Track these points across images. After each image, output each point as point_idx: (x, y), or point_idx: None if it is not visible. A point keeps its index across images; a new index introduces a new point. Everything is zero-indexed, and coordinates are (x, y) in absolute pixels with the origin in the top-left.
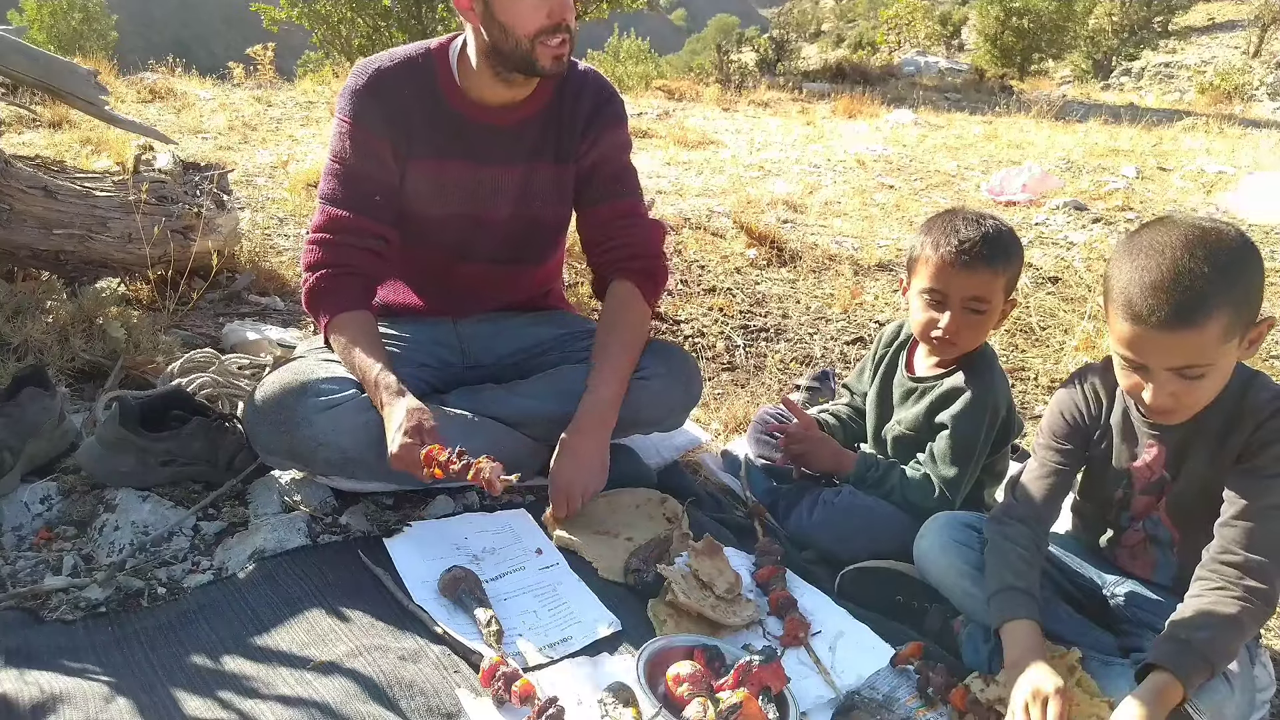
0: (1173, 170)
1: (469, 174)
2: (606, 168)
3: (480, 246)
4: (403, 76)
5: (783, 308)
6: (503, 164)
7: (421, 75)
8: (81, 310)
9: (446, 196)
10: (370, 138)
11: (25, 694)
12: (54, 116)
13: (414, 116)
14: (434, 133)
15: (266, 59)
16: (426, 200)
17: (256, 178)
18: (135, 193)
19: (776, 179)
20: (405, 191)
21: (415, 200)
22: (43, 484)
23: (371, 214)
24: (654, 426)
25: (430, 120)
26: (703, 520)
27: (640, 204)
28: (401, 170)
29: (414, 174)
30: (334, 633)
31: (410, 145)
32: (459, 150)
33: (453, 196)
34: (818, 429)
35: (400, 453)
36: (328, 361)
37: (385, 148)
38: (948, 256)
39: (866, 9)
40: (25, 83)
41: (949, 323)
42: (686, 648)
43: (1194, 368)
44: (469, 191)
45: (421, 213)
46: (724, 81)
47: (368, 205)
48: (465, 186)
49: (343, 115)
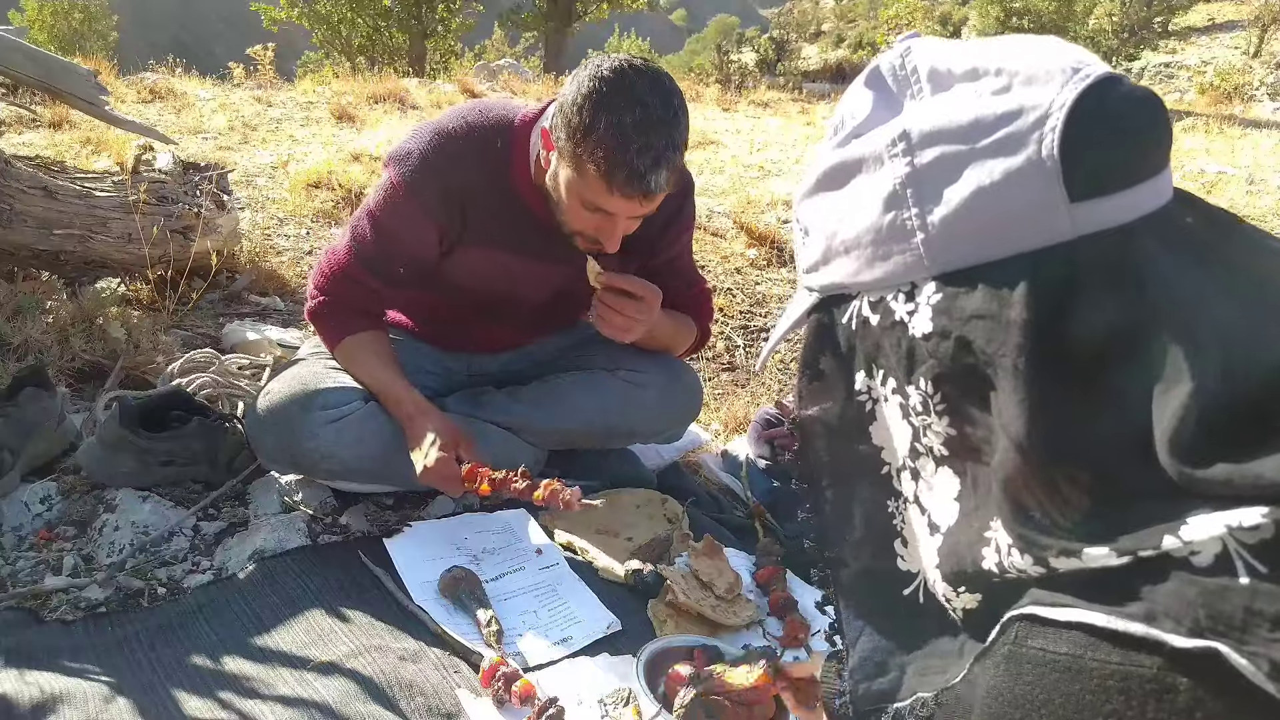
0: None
1: (520, 265)
2: (679, 262)
3: (512, 316)
4: (474, 154)
5: (783, 308)
6: (560, 260)
7: (495, 155)
8: (81, 310)
9: (490, 278)
10: (418, 213)
11: (25, 694)
12: (54, 116)
13: (475, 201)
14: (492, 221)
15: (266, 59)
16: (466, 276)
17: (256, 178)
18: (135, 193)
19: (776, 179)
20: (445, 264)
21: (454, 273)
22: (43, 484)
23: (391, 279)
24: (652, 438)
25: (492, 208)
26: (703, 520)
27: (701, 282)
28: (445, 249)
29: (460, 255)
30: (334, 633)
31: (463, 231)
32: (515, 243)
33: (497, 279)
34: None
35: (437, 466)
36: (332, 369)
37: (432, 230)
38: None
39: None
40: (25, 83)
41: None
42: (686, 648)
43: None
44: (516, 277)
45: (457, 284)
46: (724, 82)
47: (390, 271)
48: (514, 274)
49: (396, 177)
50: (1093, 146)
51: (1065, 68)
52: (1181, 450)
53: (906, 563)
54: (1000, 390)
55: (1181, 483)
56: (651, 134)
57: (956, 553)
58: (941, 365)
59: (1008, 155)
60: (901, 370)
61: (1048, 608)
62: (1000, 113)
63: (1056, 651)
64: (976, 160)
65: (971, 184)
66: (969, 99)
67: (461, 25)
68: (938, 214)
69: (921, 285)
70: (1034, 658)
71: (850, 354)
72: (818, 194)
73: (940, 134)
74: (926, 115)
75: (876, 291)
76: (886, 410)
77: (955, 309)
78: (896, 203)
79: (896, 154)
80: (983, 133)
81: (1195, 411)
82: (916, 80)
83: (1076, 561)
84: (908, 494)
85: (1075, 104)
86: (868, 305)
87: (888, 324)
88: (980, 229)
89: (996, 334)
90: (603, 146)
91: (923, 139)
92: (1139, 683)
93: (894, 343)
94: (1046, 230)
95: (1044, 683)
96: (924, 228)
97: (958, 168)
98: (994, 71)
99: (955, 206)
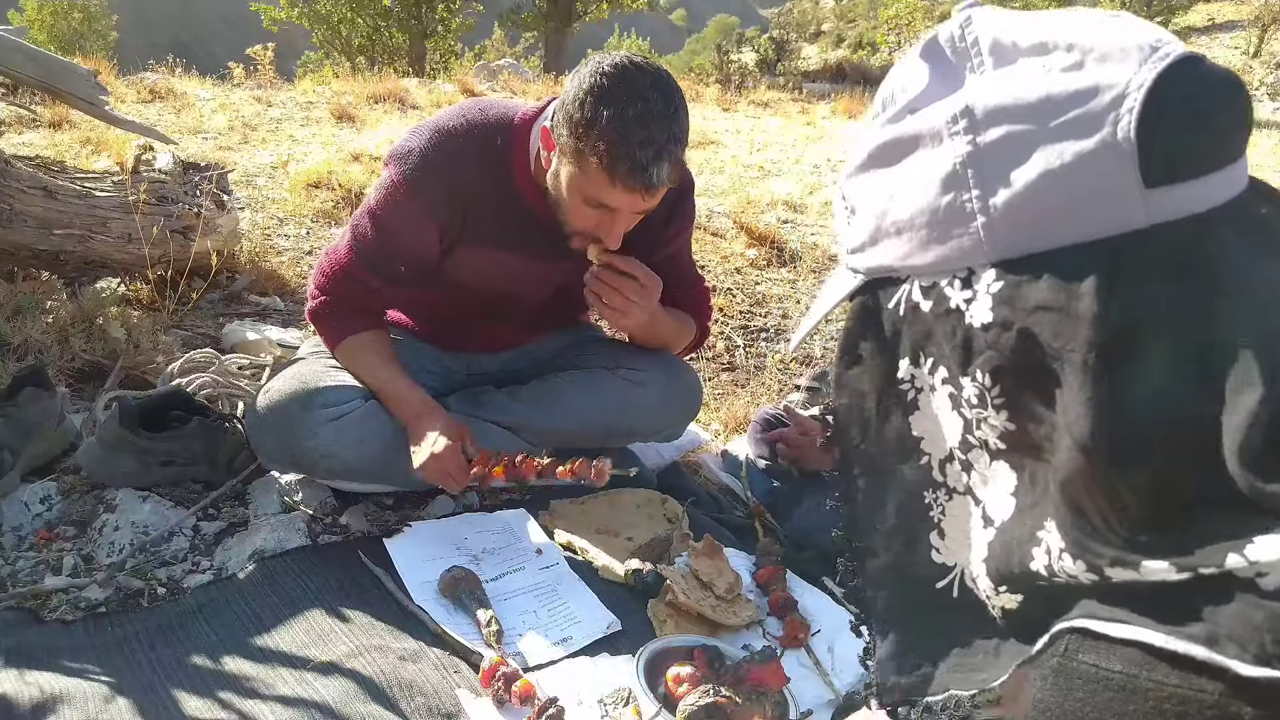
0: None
1: (521, 264)
2: (678, 259)
3: (513, 315)
4: (475, 152)
5: (783, 308)
6: (562, 255)
7: (495, 155)
8: (81, 310)
9: (490, 277)
10: (419, 214)
11: (25, 694)
12: (54, 116)
13: (477, 199)
14: (494, 220)
15: (266, 59)
16: (467, 275)
17: (256, 178)
18: (135, 193)
19: (776, 179)
20: (445, 262)
21: (454, 271)
22: (43, 484)
23: (392, 278)
24: (652, 436)
25: (492, 207)
26: (703, 520)
27: (700, 281)
28: (446, 248)
29: (460, 254)
30: (334, 633)
31: (463, 229)
32: (517, 240)
33: (498, 278)
34: (821, 433)
35: (445, 453)
36: (332, 368)
37: (433, 229)
38: None
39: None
40: (25, 83)
41: None
42: (686, 648)
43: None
44: (517, 276)
45: (458, 282)
46: (724, 82)
47: (391, 270)
48: (514, 273)
49: (397, 175)
50: (1172, 130)
51: (1143, 45)
52: (1251, 460)
53: (942, 555)
54: (1066, 387)
55: (1251, 496)
56: (653, 127)
57: (1006, 550)
58: (1001, 357)
59: (1080, 137)
60: (955, 360)
61: (1102, 622)
62: (1073, 91)
63: (1110, 669)
64: (1046, 141)
65: (1039, 166)
66: (1038, 75)
67: (461, 25)
68: (1001, 196)
69: (980, 272)
70: (1086, 673)
71: (895, 340)
72: (867, 171)
73: (1007, 111)
74: (991, 91)
75: (929, 276)
76: (934, 400)
77: (1018, 299)
78: (956, 183)
79: (958, 131)
80: (1053, 112)
81: (1265, 418)
82: (978, 53)
83: (1133, 573)
84: (957, 485)
85: (1155, 84)
86: (919, 290)
87: (941, 311)
88: (1047, 214)
89: (1064, 328)
90: (605, 139)
91: (987, 116)
92: (1198, 709)
93: (948, 331)
94: (1118, 217)
95: (1096, 701)
96: (985, 210)
97: (1025, 148)
98: (1065, 46)
99: (1020, 189)
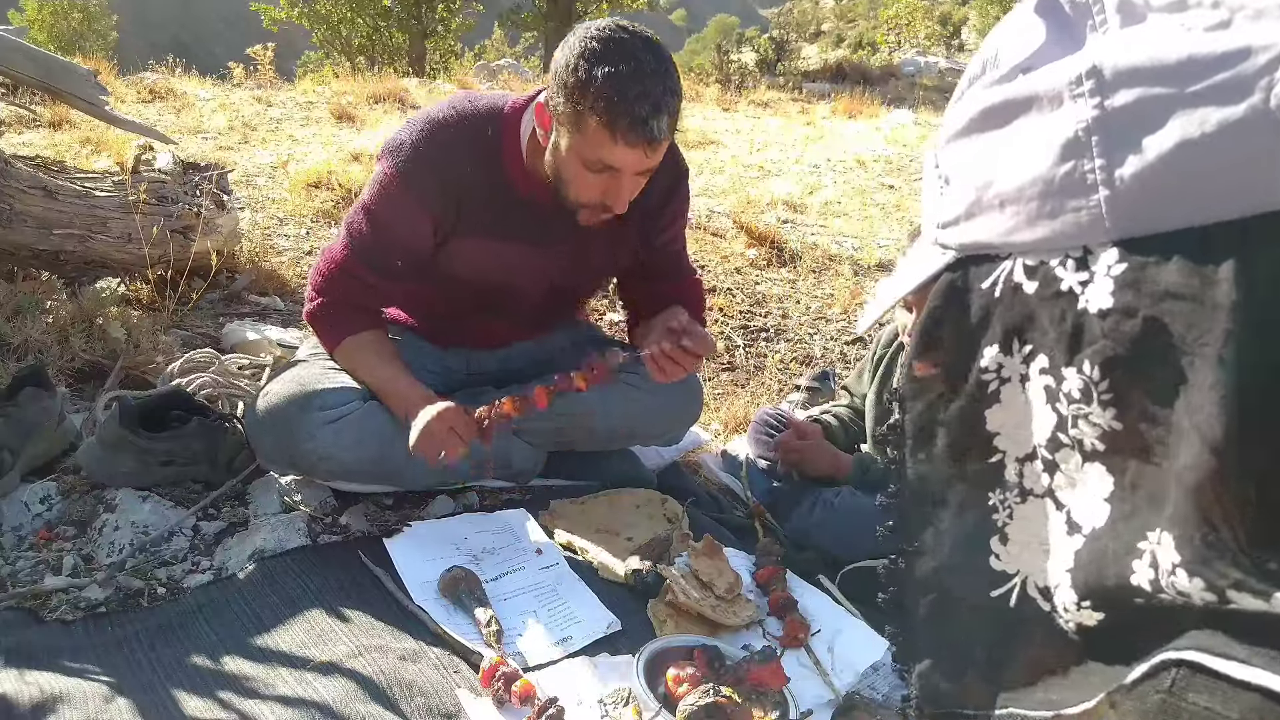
0: None
1: (516, 253)
2: (673, 246)
3: (510, 310)
4: (465, 142)
5: (783, 308)
6: (556, 243)
7: (486, 144)
8: (81, 310)
9: (485, 269)
10: (413, 206)
11: (25, 694)
12: (54, 116)
13: (468, 190)
14: (485, 210)
15: (266, 59)
16: (462, 267)
17: (256, 178)
18: (135, 193)
19: (776, 179)
20: (441, 255)
21: (450, 264)
22: (43, 484)
23: (389, 273)
24: (653, 440)
25: (485, 197)
26: (703, 520)
27: (694, 274)
28: (441, 240)
29: (455, 246)
30: (334, 633)
31: (458, 221)
32: (510, 230)
33: (492, 269)
34: (817, 433)
35: (446, 411)
36: (330, 370)
37: (426, 221)
38: None
39: (866, 9)
40: (25, 83)
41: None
42: (686, 648)
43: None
44: (512, 268)
45: (454, 276)
46: (724, 81)
47: (387, 265)
48: (509, 264)
49: (391, 169)
50: None
51: None
52: None
53: (1002, 562)
54: (1194, 385)
55: None
56: (648, 82)
57: (1098, 561)
58: (1119, 348)
59: (1226, 103)
60: (1061, 349)
61: (1218, 659)
62: (1221, 52)
63: (1226, 715)
64: (1185, 106)
65: (1176, 134)
66: (1176, 34)
67: (461, 25)
68: (1129, 167)
69: (1098, 251)
70: (1197, 714)
71: (983, 324)
72: (969, 137)
73: (1141, 73)
74: (1122, 50)
75: (1036, 255)
76: (1024, 392)
77: (1145, 283)
78: (1077, 151)
79: (1082, 94)
80: (1196, 74)
81: None
82: (1100, 10)
83: (1261, 604)
84: (1034, 488)
85: None
86: (1022, 269)
87: (1049, 294)
88: (1181, 188)
89: (1199, 318)
90: (602, 97)
91: (1118, 78)
92: None
93: (1055, 316)
94: (1263, 194)
95: None
96: (1109, 182)
97: (1161, 114)
98: (1210, 3)
99: (1153, 160)
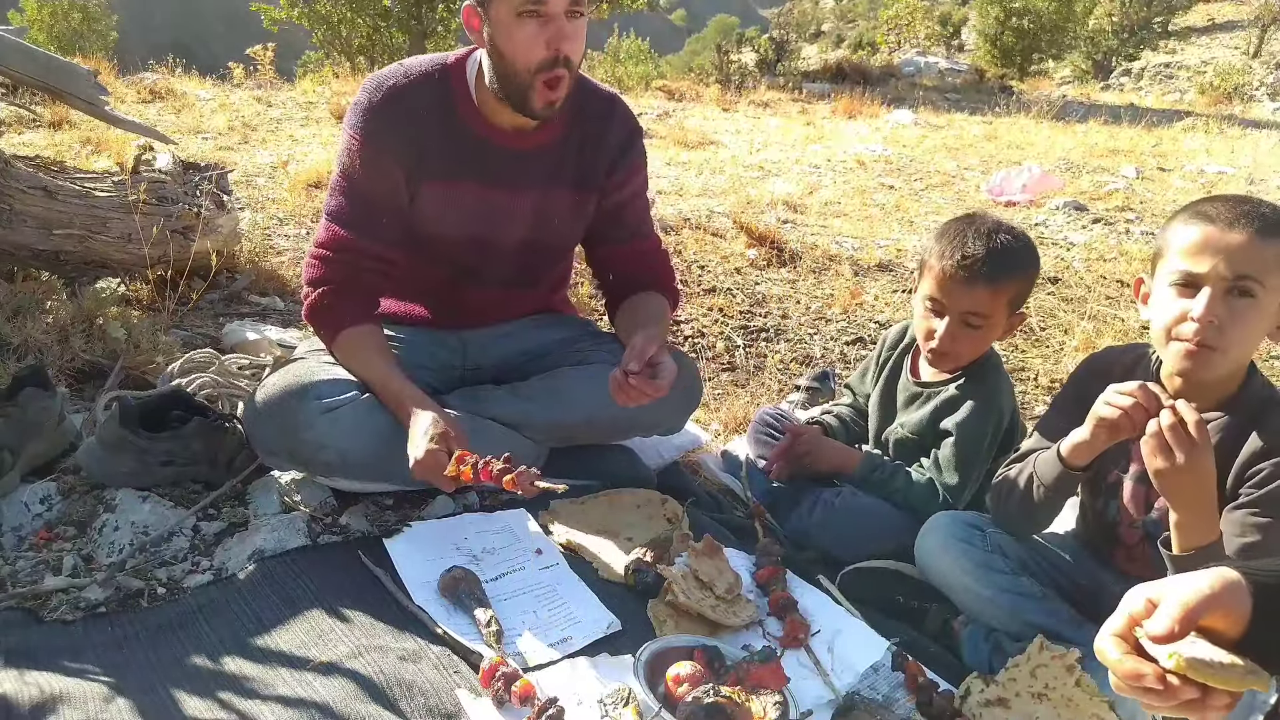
0: (1172, 171)
1: (481, 196)
2: (634, 205)
3: (490, 270)
4: (418, 93)
5: (783, 308)
6: (517, 187)
7: (437, 92)
8: (81, 310)
9: (457, 218)
10: (380, 158)
11: (25, 694)
12: (54, 116)
13: (427, 136)
14: (447, 153)
15: (266, 59)
16: (436, 221)
17: (256, 178)
18: (135, 193)
19: (776, 179)
20: (415, 211)
21: (425, 221)
22: (43, 484)
23: (377, 236)
24: (653, 430)
25: (444, 140)
26: (703, 520)
27: (658, 239)
28: (413, 191)
29: (425, 194)
30: (334, 633)
31: (422, 166)
32: (472, 172)
33: (463, 218)
34: (817, 433)
35: (425, 459)
36: (328, 364)
37: (395, 169)
38: (949, 269)
39: (866, 9)
40: (25, 83)
41: (944, 333)
42: (686, 648)
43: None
44: (480, 214)
45: (431, 233)
46: (724, 82)
47: (374, 227)
48: (477, 209)
49: (353, 132)
50: None
51: None
52: None
53: None
54: None
55: None
56: None
57: None
58: None
59: None
60: None
61: None
62: None
63: None
64: None
65: None
66: None
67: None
68: None
69: None
70: None
71: None
72: None
73: None
74: None
75: None
76: None
77: None
78: None
79: None
80: None
81: None
82: None
83: None
84: None
85: None
86: None
87: None
88: None
89: None
90: None
91: None
92: None
93: None
94: None
95: None
96: None
97: None
98: None
99: None
